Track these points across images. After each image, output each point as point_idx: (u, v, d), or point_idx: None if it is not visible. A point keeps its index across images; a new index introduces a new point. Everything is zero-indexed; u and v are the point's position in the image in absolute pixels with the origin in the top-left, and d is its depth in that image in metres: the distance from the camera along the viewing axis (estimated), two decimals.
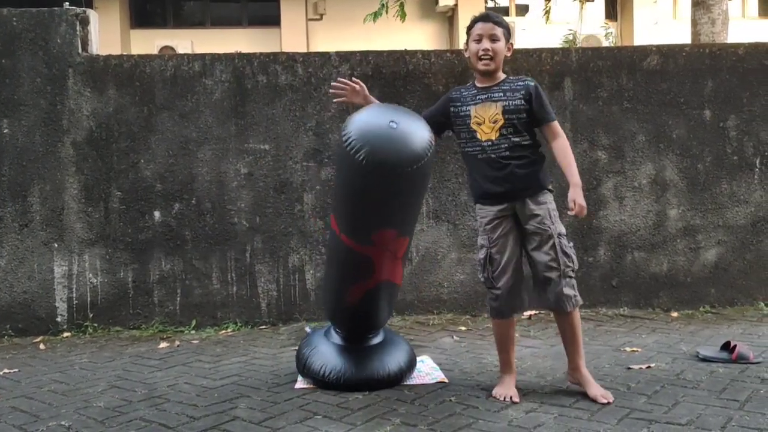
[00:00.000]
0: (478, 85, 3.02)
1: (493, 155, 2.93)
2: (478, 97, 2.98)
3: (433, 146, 2.84)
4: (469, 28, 3.05)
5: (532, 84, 2.97)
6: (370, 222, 2.84)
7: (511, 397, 2.92)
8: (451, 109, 3.03)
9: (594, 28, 10.44)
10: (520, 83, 2.97)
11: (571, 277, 2.93)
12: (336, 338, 3.23)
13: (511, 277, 2.95)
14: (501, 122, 2.91)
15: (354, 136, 2.69)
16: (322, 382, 3.09)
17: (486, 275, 2.98)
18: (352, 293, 3.02)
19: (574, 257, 2.96)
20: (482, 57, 2.94)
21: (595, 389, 2.91)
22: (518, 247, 2.99)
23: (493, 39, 2.95)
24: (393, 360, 3.13)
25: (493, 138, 2.92)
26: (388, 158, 2.67)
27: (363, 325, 3.20)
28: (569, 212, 2.89)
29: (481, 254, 2.99)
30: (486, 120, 2.94)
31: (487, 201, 2.98)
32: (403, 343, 3.31)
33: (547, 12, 8.65)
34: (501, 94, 2.95)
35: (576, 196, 2.88)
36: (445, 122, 3.07)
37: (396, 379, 3.12)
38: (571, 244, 2.99)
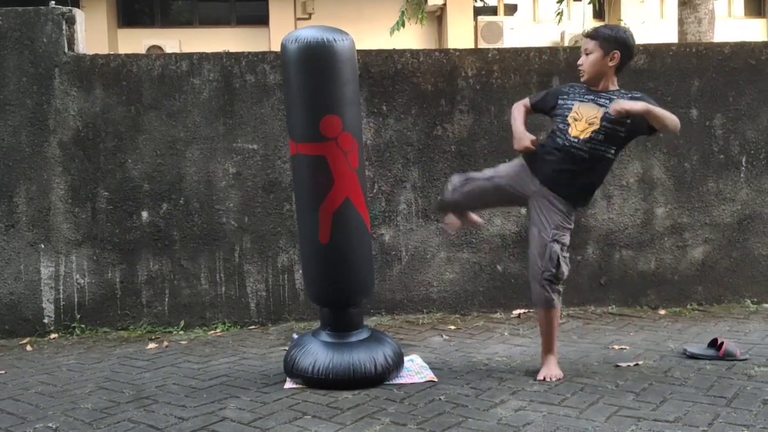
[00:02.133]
0: (591, 87, 3.19)
1: (573, 150, 3.10)
2: (586, 96, 3.16)
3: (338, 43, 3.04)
4: None
5: (638, 94, 3.12)
6: (312, 111, 3.04)
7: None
8: (559, 100, 3.23)
9: (579, 28, 10.49)
10: (627, 95, 3.10)
11: (552, 282, 3.15)
12: (324, 336, 3.23)
13: (466, 196, 3.42)
14: (596, 126, 3.07)
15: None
16: (312, 379, 3.09)
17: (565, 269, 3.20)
18: (322, 221, 3.08)
19: (565, 271, 3.16)
20: (579, 69, 3.19)
21: (542, 371, 3.18)
22: (499, 201, 3.54)
23: (586, 52, 3.14)
24: (380, 353, 3.15)
25: (581, 137, 3.09)
26: (309, 40, 3.01)
27: (345, 279, 3.19)
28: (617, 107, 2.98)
29: (561, 248, 3.15)
30: (583, 119, 3.11)
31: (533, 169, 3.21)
32: (389, 339, 3.33)
33: (560, 14, 8.71)
34: (607, 101, 3.09)
35: (629, 104, 2.97)
36: (547, 109, 3.31)
37: (385, 372, 3.13)
38: (567, 255, 3.17)
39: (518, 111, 3.33)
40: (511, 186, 3.25)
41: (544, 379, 3.13)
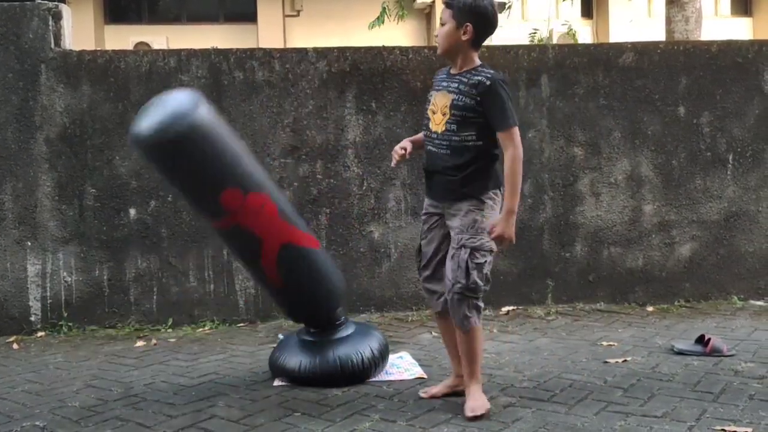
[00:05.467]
0: (451, 71, 2.79)
1: (434, 149, 2.75)
2: (442, 83, 2.77)
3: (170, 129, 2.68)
4: None
5: (488, 82, 2.65)
6: (205, 196, 2.92)
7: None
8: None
9: (567, 26, 10.52)
10: (477, 77, 2.68)
11: (464, 295, 2.69)
12: (309, 336, 3.24)
13: (431, 274, 2.86)
14: (448, 116, 2.69)
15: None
16: (300, 378, 3.08)
17: (417, 266, 2.97)
18: (268, 272, 3.08)
19: (478, 280, 2.69)
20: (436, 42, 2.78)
21: (468, 404, 2.71)
22: (447, 245, 2.80)
23: (441, 23, 2.75)
24: (366, 347, 3.16)
25: (439, 131, 2.72)
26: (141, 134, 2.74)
27: (314, 305, 3.20)
28: (489, 235, 2.67)
29: (470, 254, 2.70)
30: (438, 110, 2.74)
31: (426, 190, 2.90)
32: (374, 331, 3.35)
33: (509, 7, 8.76)
34: (457, 84, 2.71)
35: (502, 222, 2.63)
36: None
37: (372, 365, 3.14)
38: (489, 265, 2.74)
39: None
40: (439, 242, 2.84)
41: (474, 417, 2.65)
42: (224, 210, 2.90)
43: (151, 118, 2.74)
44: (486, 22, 2.70)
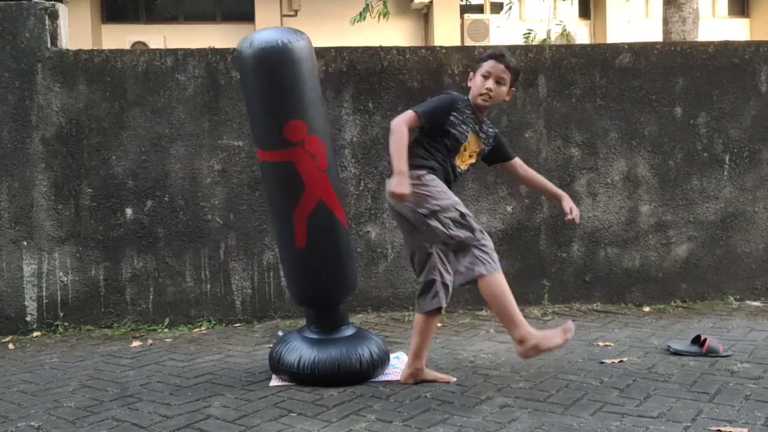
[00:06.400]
0: (478, 117, 3.09)
1: (450, 173, 3.04)
2: (474, 125, 3.06)
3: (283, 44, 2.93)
4: (482, 60, 3.06)
5: (496, 133, 3.19)
6: (274, 117, 2.98)
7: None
8: (452, 117, 2.99)
9: (561, 26, 10.54)
10: (491, 131, 3.16)
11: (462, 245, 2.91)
12: (309, 333, 3.22)
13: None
14: (473, 159, 3.13)
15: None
16: (297, 375, 3.08)
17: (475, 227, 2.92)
18: (297, 224, 3.04)
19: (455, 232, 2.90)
20: (483, 94, 3.02)
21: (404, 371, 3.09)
22: None
23: (499, 82, 3.02)
24: (365, 350, 3.15)
25: (463, 168, 3.12)
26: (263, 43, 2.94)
27: (325, 284, 3.17)
28: (571, 220, 3.25)
29: (456, 212, 2.89)
30: (468, 150, 3.08)
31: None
32: (374, 337, 3.33)
33: (510, 7, 8.78)
34: (485, 136, 3.12)
35: (571, 202, 3.24)
36: (436, 125, 2.99)
37: (370, 368, 3.12)
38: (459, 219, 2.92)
39: (402, 139, 2.86)
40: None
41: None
42: (283, 140, 2.96)
43: (266, 33, 2.99)
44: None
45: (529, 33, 9.21)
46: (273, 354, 3.22)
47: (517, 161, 3.28)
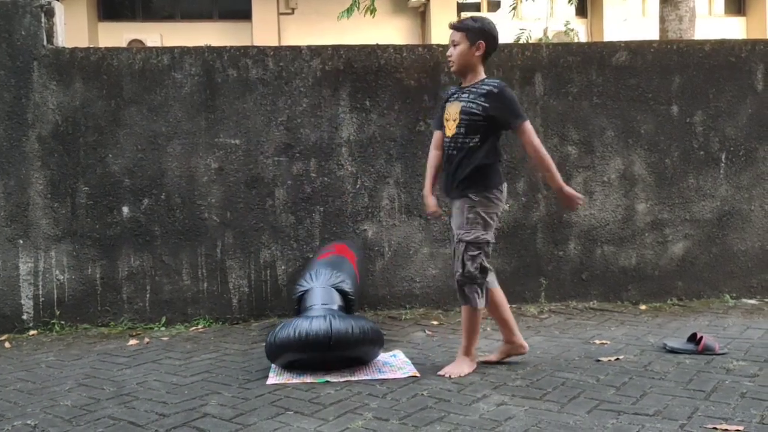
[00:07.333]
0: (461, 85, 3.25)
1: (447, 151, 3.22)
2: (454, 95, 3.23)
3: None
4: None
5: (496, 90, 3.10)
6: None
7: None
8: (442, 109, 3.30)
9: (561, 25, 10.52)
10: (485, 87, 3.13)
11: (463, 283, 3.15)
12: (306, 312, 3.31)
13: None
14: (457, 121, 3.15)
15: None
16: (291, 341, 3.11)
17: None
18: None
19: (473, 270, 3.11)
20: (448, 62, 3.25)
21: (448, 366, 3.22)
22: None
23: (453, 44, 3.18)
24: (360, 321, 3.21)
25: (450, 135, 3.19)
26: None
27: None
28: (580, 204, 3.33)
29: (488, 237, 3.15)
30: (451, 117, 3.19)
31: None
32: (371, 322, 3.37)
33: (514, 8, 8.79)
34: (467, 95, 3.16)
35: (562, 200, 3.31)
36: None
37: (364, 337, 3.16)
38: (484, 256, 3.13)
39: (432, 160, 3.35)
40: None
41: (441, 375, 3.15)
42: None
43: None
44: (494, 39, 3.20)
45: (521, 33, 9.20)
46: (269, 336, 3.24)
47: (518, 131, 3.15)
